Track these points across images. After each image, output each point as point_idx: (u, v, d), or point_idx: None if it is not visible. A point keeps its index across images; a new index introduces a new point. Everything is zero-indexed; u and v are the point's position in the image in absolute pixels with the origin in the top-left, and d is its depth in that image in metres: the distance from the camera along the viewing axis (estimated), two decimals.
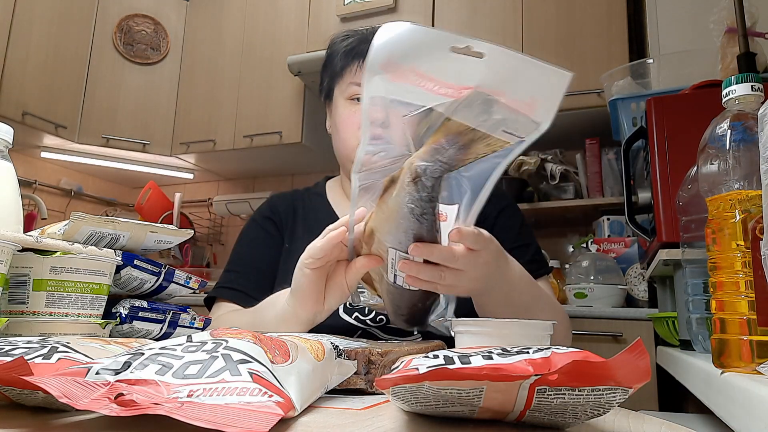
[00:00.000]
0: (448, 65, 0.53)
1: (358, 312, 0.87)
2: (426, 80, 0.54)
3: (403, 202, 0.57)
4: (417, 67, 0.54)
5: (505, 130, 0.53)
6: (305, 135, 2.54)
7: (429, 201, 0.57)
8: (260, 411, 0.28)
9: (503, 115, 0.53)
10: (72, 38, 2.61)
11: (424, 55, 0.54)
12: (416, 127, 0.58)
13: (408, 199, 0.57)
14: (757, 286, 0.48)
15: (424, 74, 0.54)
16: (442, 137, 0.55)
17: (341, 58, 0.94)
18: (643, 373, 0.29)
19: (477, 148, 0.55)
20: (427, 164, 0.55)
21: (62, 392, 0.27)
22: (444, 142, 0.55)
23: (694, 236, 0.74)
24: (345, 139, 0.94)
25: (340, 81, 0.95)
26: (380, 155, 0.60)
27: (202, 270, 2.86)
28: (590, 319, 1.67)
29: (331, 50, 0.98)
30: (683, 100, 1.09)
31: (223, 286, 0.95)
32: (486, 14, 2.25)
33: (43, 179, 2.82)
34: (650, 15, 1.86)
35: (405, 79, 0.55)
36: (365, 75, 0.55)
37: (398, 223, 0.59)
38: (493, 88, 0.53)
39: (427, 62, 0.54)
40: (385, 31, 0.54)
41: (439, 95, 0.55)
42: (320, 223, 0.99)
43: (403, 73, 0.54)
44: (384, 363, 0.51)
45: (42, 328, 0.51)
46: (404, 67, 0.54)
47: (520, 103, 0.53)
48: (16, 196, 0.59)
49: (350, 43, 0.94)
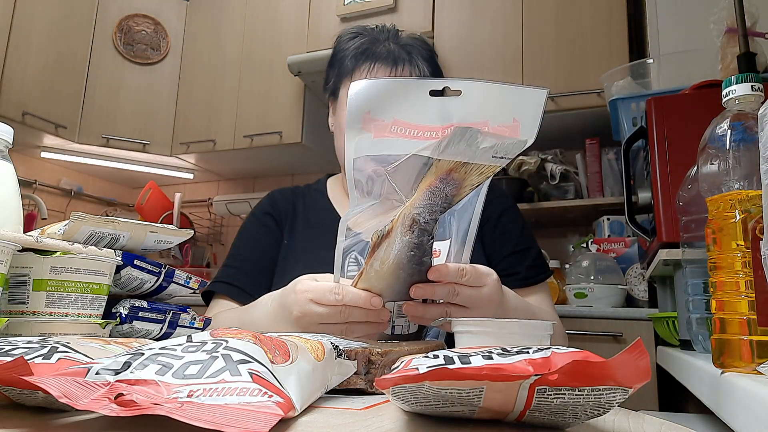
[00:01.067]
0: (428, 108, 0.56)
1: None
2: (408, 128, 0.56)
3: (402, 252, 0.58)
4: (397, 116, 0.56)
5: (495, 155, 0.55)
6: (305, 135, 2.54)
7: (428, 243, 0.58)
8: (260, 411, 0.28)
9: (490, 142, 0.55)
10: (72, 38, 2.61)
11: (403, 104, 0.56)
12: (403, 176, 0.59)
13: (407, 247, 0.57)
14: (757, 286, 0.48)
15: (406, 123, 0.56)
16: (434, 178, 0.56)
17: (352, 58, 0.93)
18: (643, 373, 0.29)
19: (471, 180, 0.56)
20: (424, 208, 0.56)
21: (62, 392, 0.27)
22: (437, 182, 0.55)
23: (694, 236, 0.74)
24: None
25: (348, 81, 0.94)
26: (368, 213, 0.60)
27: (202, 270, 2.86)
28: (590, 319, 1.67)
29: (339, 48, 0.97)
30: (683, 100, 1.09)
31: (220, 280, 0.95)
32: (486, 14, 2.25)
33: (43, 179, 2.82)
34: (650, 15, 1.86)
35: (387, 131, 0.56)
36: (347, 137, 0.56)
37: (396, 274, 0.59)
38: (476, 120, 0.55)
39: (407, 110, 0.56)
40: (358, 90, 0.56)
41: (423, 140, 0.56)
42: (321, 221, 1.00)
43: (385, 126, 0.56)
44: (384, 363, 0.51)
45: (42, 328, 0.51)
46: (384, 121, 0.56)
47: (505, 128, 0.56)
48: (17, 196, 0.59)
49: (361, 44, 0.93)
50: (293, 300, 0.66)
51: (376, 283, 0.60)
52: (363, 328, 0.64)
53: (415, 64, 0.91)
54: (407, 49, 0.92)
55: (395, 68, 0.90)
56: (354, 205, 0.59)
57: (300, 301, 0.65)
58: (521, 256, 0.96)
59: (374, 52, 0.91)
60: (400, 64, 0.90)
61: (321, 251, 0.95)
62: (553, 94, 2.04)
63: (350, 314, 0.62)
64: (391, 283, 0.60)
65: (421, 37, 0.98)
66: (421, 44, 0.96)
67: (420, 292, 0.62)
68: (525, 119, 0.56)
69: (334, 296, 0.62)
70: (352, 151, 0.57)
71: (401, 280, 0.60)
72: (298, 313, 0.65)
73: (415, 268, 0.59)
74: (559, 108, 2.04)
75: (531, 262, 0.96)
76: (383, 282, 0.60)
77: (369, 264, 0.59)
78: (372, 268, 0.59)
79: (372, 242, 0.58)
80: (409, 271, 0.59)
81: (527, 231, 1.00)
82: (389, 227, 0.57)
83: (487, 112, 0.55)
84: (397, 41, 0.94)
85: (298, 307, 0.65)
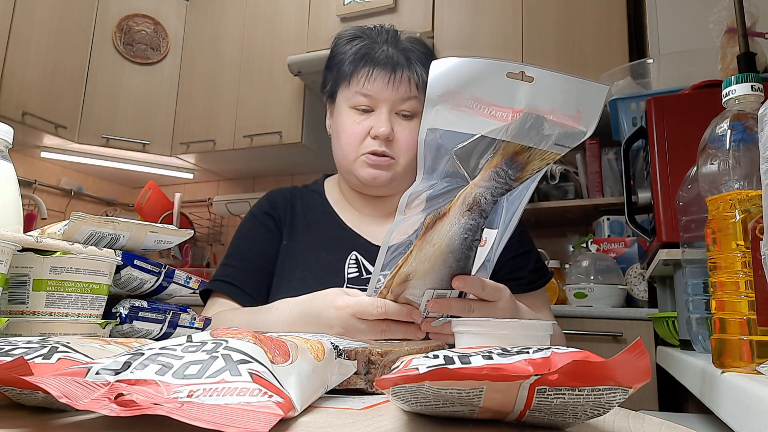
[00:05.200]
0: (504, 90, 0.58)
1: None
2: (484, 105, 0.59)
3: (456, 234, 0.60)
4: (475, 93, 0.59)
5: (557, 143, 0.58)
6: (305, 135, 2.54)
7: (482, 227, 0.61)
8: (260, 411, 0.28)
9: (554, 130, 0.58)
10: (72, 38, 2.61)
11: (482, 82, 0.59)
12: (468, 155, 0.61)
13: (462, 229, 0.60)
14: (757, 286, 0.48)
15: (482, 99, 0.59)
16: (500, 159, 0.59)
17: (350, 63, 0.92)
18: (643, 373, 0.29)
19: (533, 165, 0.59)
20: (486, 189, 0.59)
21: (62, 392, 0.27)
22: (502, 164, 0.59)
23: (694, 236, 0.74)
24: (346, 152, 0.93)
25: (345, 86, 0.93)
26: (427, 193, 0.62)
27: (202, 270, 2.86)
28: (590, 319, 1.67)
29: (337, 51, 0.96)
30: (683, 100, 1.09)
31: (219, 279, 0.95)
32: (486, 14, 2.25)
33: (43, 179, 2.82)
34: (650, 15, 1.86)
35: (464, 105, 0.59)
36: (425, 108, 0.59)
37: (445, 258, 0.61)
38: (543, 108, 0.58)
39: (485, 88, 0.59)
40: (441, 64, 0.59)
41: (494, 120, 0.59)
42: (319, 222, 0.99)
43: (463, 100, 0.59)
44: (384, 363, 0.51)
45: (42, 328, 0.51)
46: (463, 94, 0.59)
47: (568, 117, 0.59)
48: (16, 196, 0.59)
49: (360, 48, 0.92)
50: (335, 316, 0.67)
51: (421, 266, 0.62)
52: (400, 335, 0.67)
53: (413, 69, 0.91)
54: (406, 54, 0.92)
55: (394, 74, 0.90)
56: (419, 180, 0.61)
57: (343, 318, 0.66)
58: (523, 258, 0.96)
59: (372, 56, 0.91)
60: (399, 70, 0.90)
61: (320, 252, 0.95)
62: None
63: (389, 328, 0.65)
64: (436, 268, 0.62)
65: (420, 40, 0.98)
66: (420, 47, 0.95)
67: (437, 307, 0.65)
68: (587, 111, 0.59)
69: (377, 310, 0.64)
70: (430, 120, 0.59)
71: (448, 264, 0.62)
72: (341, 329, 0.66)
73: (463, 254, 0.61)
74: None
75: (533, 265, 0.96)
76: (428, 266, 0.62)
77: (418, 246, 0.61)
78: (421, 251, 0.61)
79: (425, 223, 0.60)
80: (457, 257, 0.61)
81: (526, 234, 1.00)
82: (446, 208, 0.59)
83: (554, 101, 0.58)
84: (396, 45, 0.93)
85: (340, 323, 0.67)
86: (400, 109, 0.91)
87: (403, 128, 0.91)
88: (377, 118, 0.90)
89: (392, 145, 0.90)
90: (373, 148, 0.90)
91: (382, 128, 0.88)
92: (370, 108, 0.91)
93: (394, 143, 0.90)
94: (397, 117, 0.91)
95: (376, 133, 0.89)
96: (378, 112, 0.90)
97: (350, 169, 0.93)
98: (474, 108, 0.59)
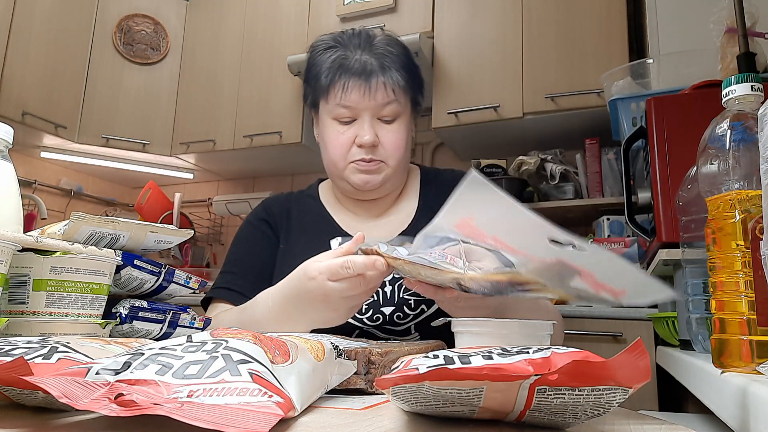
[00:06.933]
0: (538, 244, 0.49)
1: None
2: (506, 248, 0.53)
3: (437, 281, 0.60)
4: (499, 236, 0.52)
5: (579, 296, 0.51)
6: (305, 135, 2.54)
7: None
8: (260, 411, 0.28)
9: (581, 286, 0.50)
10: (72, 38, 2.61)
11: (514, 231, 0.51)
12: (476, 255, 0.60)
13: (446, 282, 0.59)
14: (757, 286, 0.48)
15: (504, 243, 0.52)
16: (506, 279, 0.54)
17: (324, 76, 0.92)
18: (643, 373, 0.29)
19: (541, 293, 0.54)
20: (478, 287, 0.56)
21: (62, 392, 0.27)
22: (506, 283, 0.54)
23: (694, 236, 0.74)
24: (335, 161, 0.93)
25: (324, 98, 0.93)
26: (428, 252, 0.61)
27: (202, 270, 2.86)
28: (590, 319, 1.67)
29: (313, 61, 0.96)
30: (683, 100, 1.09)
31: (219, 287, 0.95)
32: (486, 14, 2.25)
33: (43, 179, 2.82)
34: (650, 15, 1.86)
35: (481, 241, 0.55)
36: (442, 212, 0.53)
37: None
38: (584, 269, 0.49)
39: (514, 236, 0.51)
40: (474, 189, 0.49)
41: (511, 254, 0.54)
42: (315, 225, 1.00)
43: (480, 236, 0.54)
44: (384, 363, 0.51)
45: (42, 328, 0.51)
46: (484, 233, 0.53)
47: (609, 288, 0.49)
48: (16, 196, 0.59)
49: (335, 59, 0.92)
50: (313, 286, 0.67)
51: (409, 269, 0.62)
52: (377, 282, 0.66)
53: (388, 75, 0.91)
54: (380, 60, 0.91)
55: (368, 83, 0.89)
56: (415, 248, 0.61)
57: (321, 285, 0.66)
58: None
59: (347, 66, 0.90)
60: (374, 78, 0.90)
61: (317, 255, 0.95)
62: (552, 94, 2.04)
63: (369, 281, 0.64)
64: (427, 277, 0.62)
65: (395, 39, 0.97)
66: (395, 48, 0.94)
67: (422, 288, 0.64)
68: (635, 294, 0.50)
69: (345, 270, 0.64)
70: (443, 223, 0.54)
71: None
72: (322, 295, 0.66)
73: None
74: (558, 108, 2.04)
75: None
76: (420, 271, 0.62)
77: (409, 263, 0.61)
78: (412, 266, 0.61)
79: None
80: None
81: None
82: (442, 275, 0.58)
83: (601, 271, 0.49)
84: (371, 50, 0.92)
85: (319, 291, 0.66)
86: (381, 115, 0.92)
87: (386, 131, 0.92)
88: (360, 127, 0.91)
89: (378, 149, 0.91)
90: (361, 156, 0.91)
91: (366, 137, 0.90)
92: (352, 117, 0.92)
93: (380, 147, 0.92)
94: (379, 122, 0.92)
95: (360, 142, 0.90)
96: (360, 120, 0.91)
97: (342, 177, 0.94)
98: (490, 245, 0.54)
